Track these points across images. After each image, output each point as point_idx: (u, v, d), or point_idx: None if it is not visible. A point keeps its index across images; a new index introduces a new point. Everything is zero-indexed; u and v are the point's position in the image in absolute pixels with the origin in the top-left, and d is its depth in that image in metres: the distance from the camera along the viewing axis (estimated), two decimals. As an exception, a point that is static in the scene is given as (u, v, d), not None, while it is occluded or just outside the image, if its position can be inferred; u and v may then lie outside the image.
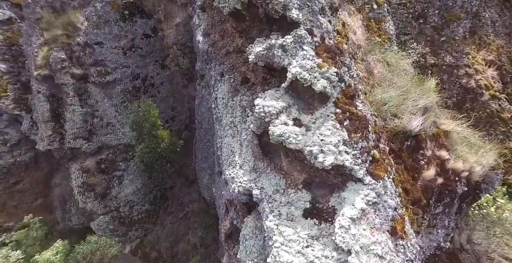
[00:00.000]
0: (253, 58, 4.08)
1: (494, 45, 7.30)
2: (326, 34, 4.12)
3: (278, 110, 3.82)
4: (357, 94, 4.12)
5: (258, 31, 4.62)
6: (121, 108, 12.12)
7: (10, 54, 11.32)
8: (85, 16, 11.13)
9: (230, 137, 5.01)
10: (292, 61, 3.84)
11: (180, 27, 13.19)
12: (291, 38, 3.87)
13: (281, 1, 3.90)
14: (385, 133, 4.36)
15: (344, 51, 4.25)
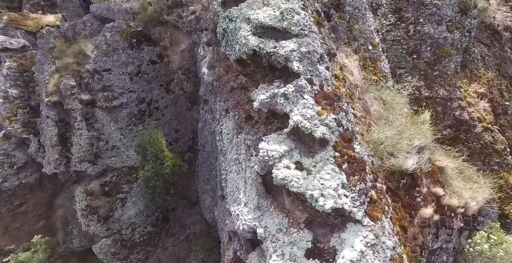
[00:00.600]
0: (257, 105, 4.40)
1: (485, 78, 7.68)
2: (324, 82, 4.46)
3: (281, 154, 4.09)
4: (354, 137, 4.41)
5: (261, 76, 4.98)
6: (126, 131, 12.44)
7: (22, 80, 11.78)
8: (95, 44, 11.67)
9: (235, 173, 5.26)
10: (293, 109, 4.16)
11: (185, 53, 13.74)
12: (293, 88, 4.21)
13: (283, 54, 4.27)
14: (382, 172, 4.61)
15: (342, 96, 4.58)
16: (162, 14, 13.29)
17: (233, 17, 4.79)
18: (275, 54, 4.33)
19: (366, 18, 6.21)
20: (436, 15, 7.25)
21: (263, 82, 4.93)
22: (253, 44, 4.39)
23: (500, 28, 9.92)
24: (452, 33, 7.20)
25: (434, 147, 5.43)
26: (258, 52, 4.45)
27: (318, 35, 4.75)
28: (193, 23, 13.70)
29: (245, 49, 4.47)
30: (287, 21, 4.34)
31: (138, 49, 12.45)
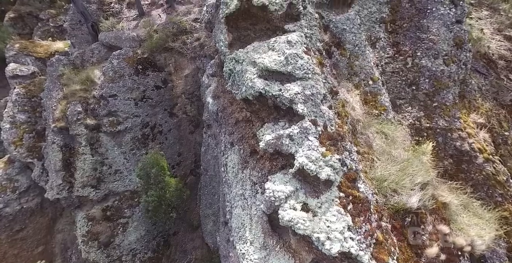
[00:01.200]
0: (263, 146, 4.53)
1: (483, 109, 7.86)
2: (328, 122, 4.61)
3: (287, 194, 4.17)
4: (358, 176, 4.50)
5: (267, 113, 5.14)
6: (129, 155, 12.54)
7: (29, 105, 12.03)
8: (102, 71, 12.03)
9: (240, 209, 5.30)
10: (298, 150, 4.28)
11: (189, 78, 14.10)
12: (297, 129, 4.35)
13: (288, 97, 4.45)
14: (387, 210, 4.66)
15: (345, 135, 4.72)
16: (167, 41, 13.78)
17: (239, 59, 5.03)
18: (280, 97, 4.52)
19: (366, 55, 6.48)
20: (433, 49, 7.53)
21: (268, 120, 5.09)
22: (259, 87, 4.58)
23: (495, 57, 10.25)
24: (449, 66, 7.46)
25: (437, 182, 5.49)
26: (264, 94, 4.63)
27: (320, 76, 4.96)
28: (197, 49, 14.16)
29: (251, 91, 4.66)
30: (292, 66, 4.56)
31: (144, 75, 12.79)
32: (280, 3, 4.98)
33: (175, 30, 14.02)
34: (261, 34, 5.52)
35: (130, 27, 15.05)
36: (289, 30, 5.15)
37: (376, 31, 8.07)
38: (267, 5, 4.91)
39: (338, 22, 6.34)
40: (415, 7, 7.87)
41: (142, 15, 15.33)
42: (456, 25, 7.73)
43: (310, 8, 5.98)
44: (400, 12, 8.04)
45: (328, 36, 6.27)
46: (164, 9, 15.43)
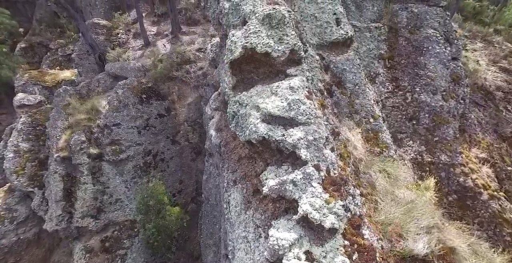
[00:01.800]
0: (267, 191, 4.54)
1: (484, 143, 7.90)
2: (330, 166, 4.64)
3: (291, 242, 4.11)
4: (362, 222, 4.46)
5: (270, 155, 5.19)
6: (131, 184, 12.48)
7: (34, 133, 12.17)
8: (107, 100, 12.28)
9: (243, 252, 5.20)
10: (302, 196, 4.28)
11: (192, 106, 14.34)
12: (301, 175, 4.38)
13: (291, 142, 4.53)
14: (393, 257, 4.56)
15: (348, 179, 4.73)
16: (171, 70, 14.18)
17: (243, 103, 5.16)
18: (284, 142, 4.59)
19: (366, 93, 6.64)
20: (431, 85, 7.72)
21: (271, 161, 5.13)
22: (263, 132, 4.67)
23: (492, 88, 10.46)
24: (447, 102, 7.59)
25: (443, 223, 5.41)
26: (267, 139, 4.71)
27: (322, 119, 5.07)
28: (200, 78, 14.53)
29: (255, 136, 4.74)
30: (294, 111, 4.68)
31: (148, 104, 13.04)
32: (282, 50, 5.20)
33: (179, 59, 14.48)
34: (264, 76, 5.70)
35: (136, 57, 15.55)
36: (291, 74, 5.32)
37: (375, 66, 8.32)
38: (270, 52, 5.12)
39: (338, 63, 6.57)
40: (411, 45, 8.17)
41: (148, 45, 15.90)
42: (452, 62, 7.97)
43: (311, 50, 6.22)
44: (397, 49, 8.34)
45: (328, 76, 6.46)
46: (169, 39, 16.03)
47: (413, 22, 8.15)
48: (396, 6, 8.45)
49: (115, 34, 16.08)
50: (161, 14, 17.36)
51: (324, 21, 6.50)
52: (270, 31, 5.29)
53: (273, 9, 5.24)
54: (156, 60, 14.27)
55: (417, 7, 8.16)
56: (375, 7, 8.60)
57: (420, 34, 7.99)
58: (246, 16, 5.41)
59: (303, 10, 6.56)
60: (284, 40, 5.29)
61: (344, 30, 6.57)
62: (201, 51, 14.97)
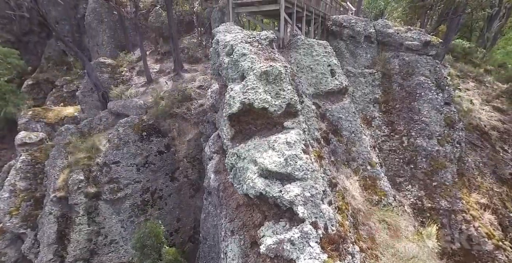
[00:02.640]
0: (264, 250, 4.45)
1: (484, 188, 7.85)
2: (328, 222, 4.59)
3: (290, 309, 3.94)
4: (364, 284, 4.31)
5: (267, 208, 5.16)
6: (127, 223, 12.18)
7: (32, 172, 12.13)
8: (108, 138, 12.41)
9: (240, 313, 4.96)
10: (300, 256, 4.19)
11: (191, 142, 14.44)
12: (298, 233, 4.32)
13: (288, 199, 4.53)
14: None
15: (346, 236, 4.66)
16: (172, 107, 14.49)
17: (241, 156, 5.24)
18: (281, 198, 4.59)
19: (363, 140, 6.75)
20: (426, 130, 7.86)
21: (269, 215, 5.08)
22: (260, 188, 4.69)
23: (487, 128, 10.63)
24: (443, 147, 7.69)
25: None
26: (265, 195, 4.72)
27: (319, 172, 5.11)
28: (200, 114, 14.80)
29: (252, 191, 4.75)
30: (291, 167, 4.74)
31: (148, 141, 13.14)
32: (279, 105, 5.40)
33: (180, 97, 14.86)
34: (262, 127, 5.85)
35: (138, 94, 16.00)
36: (288, 127, 5.47)
37: (371, 110, 8.55)
38: (267, 108, 5.32)
39: (334, 111, 6.77)
40: (405, 91, 8.47)
41: (150, 82, 16.43)
42: (445, 107, 8.20)
43: (307, 100, 6.44)
44: (392, 94, 8.63)
45: (325, 124, 6.62)
46: (171, 76, 16.60)
47: (405, 69, 8.52)
48: (388, 54, 8.89)
49: (119, 72, 16.70)
50: (164, 53, 18.16)
51: (319, 72, 6.82)
52: (268, 87, 5.53)
53: (270, 66, 5.53)
54: (157, 98, 14.66)
55: (408, 56, 8.58)
56: (368, 54, 9.06)
57: (413, 80, 8.32)
58: (245, 71, 5.69)
59: (299, 62, 6.91)
60: (281, 95, 5.51)
61: (338, 81, 6.86)
62: (202, 88, 15.43)
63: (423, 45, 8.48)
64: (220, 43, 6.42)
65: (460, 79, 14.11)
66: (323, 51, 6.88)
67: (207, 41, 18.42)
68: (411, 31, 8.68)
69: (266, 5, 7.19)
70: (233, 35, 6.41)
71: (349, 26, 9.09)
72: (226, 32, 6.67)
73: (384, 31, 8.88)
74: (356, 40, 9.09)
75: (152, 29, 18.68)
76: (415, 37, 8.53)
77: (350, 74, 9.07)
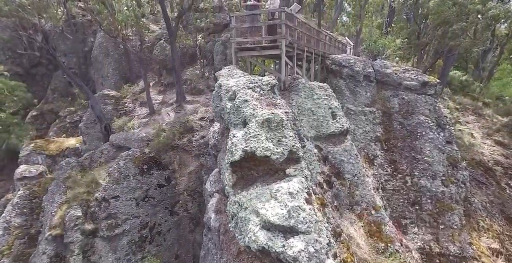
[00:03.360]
0: None
1: (494, 231, 7.61)
2: (335, 281, 4.38)
3: None
4: None
5: (270, 261, 4.95)
6: (124, 261, 11.70)
7: (29, 207, 11.90)
8: (108, 172, 12.31)
9: None
10: None
11: (192, 175, 14.30)
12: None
13: (291, 255, 4.36)
14: None
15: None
16: (174, 139, 14.53)
17: (243, 205, 5.14)
18: (284, 253, 4.42)
19: (366, 184, 6.65)
20: (429, 170, 7.78)
21: (272, 268, 4.87)
22: (262, 242, 4.54)
23: (491, 163, 10.53)
24: (448, 187, 7.56)
25: None
26: (267, 249, 4.56)
27: (323, 223, 4.98)
28: (201, 146, 14.80)
29: (254, 245, 4.59)
30: (294, 219, 4.62)
31: (148, 174, 13.02)
32: (281, 152, 5.40)
33: (182, 128, 14.96)
34: (264, 173, 5.80)
35: (141, 125, 16.15)
36: (290, 174, 5.42)
37: (372, 148, 8.52)
38: (269, 156, 5.31)
39: (336, 153, 6.75)
40: (406, 129, 8.51)
41: (153, 113, 16.65)
42: (447, 146, 8.18)
43: (309, 144, 6.45)
44: (392, 132, 8.66)
45: (327, 167, 6.57)
46: (174, 108, 16.84)
47: (405, 108, 8.62)
48: (388, 93, 9.06)
49: (123, 103, 16.99)
50: (167, 84, 18.59)
51: (320, 115, 6.89)
52: (270, 134, 5.56)
53: (271, 113, 5.61)
54: (159, 129, 14.76)
55: (407, 95, 8.73)
56: (368, 93, 9.23)
57: (413, 119, 8.38)
58: (247, 118, 5.76)
59: (301, 105, 7.02)
60: (283, 142, 5.53)
61: (340, 123, 6.91)
62: (204, 119, 15.58)
63: (421, 85, 8.66)
64: (223, 87, 6.57)
65: (460, 112, 14.24)
66: (324, 94, 7.02)
67: (209, 73, 18.92)
68: (409, 72, 8.91)
69: (267, 50, 7.46)
70: (235, 80, 6.57)
71: (348, 66, 9.36)
72: (229, 77, 6.86)
73: (383, 71, 9.12)
74: (355, 79, 9.31)
75: (156, 61, 19.28)
76: (413, 77, 8.74)
77: (350, 111, 9.18)
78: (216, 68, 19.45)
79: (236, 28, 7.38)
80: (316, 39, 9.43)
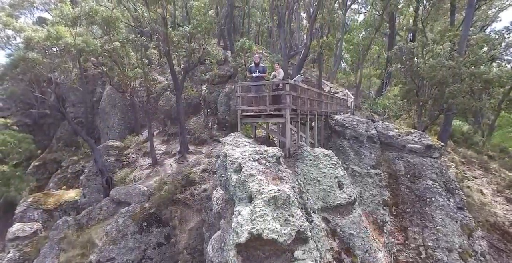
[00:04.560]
0: None
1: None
2: None
3: None
4: None
5: None
6: None
7: (18, 270, 11.16)
8: (106, 231, 11.79)
9: None
10: None
11: (193, 231, 13.65)
12: None
13: None
14: None
15: None
16: (175, 193, 14.19)
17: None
18: None
19: (378, 261, 6.25)
20: (443, 241, 7.38)
21: None
22: None
23: (506, 225, 10.04)
24: (466, 261, 7.08)
25: None
26: None
27: None
28: (203, 200, 14.39)
29: None
30: None
31: (147, 233, 12.46)
32: (288, 233, 5.17)
33: (184, 181, 14.71)
34: (270, 254, 5.48)
35: (143, 177, 15.93)
36: (299, 258, 5.12)
37: (381, 214, 8.21)
38: (277, 238, 5.08)
39: (345, 226, 6.46)
40: (414, 194, 8.29)
41: (155, 164, 16.54)
42: (459, 213, 7.87)
43: (316, 218, 6.21)
44: (400, 196, 8.42)
45: (336, 242, 6.25)
46: (176, 158, 16.79)
47: (411, 172, 8.50)
48: (392, 155, 9.03)
49: (126, 154, 17.02)
50: (171, 134, 18.82)
51: (327, 185, 6.77)
52: (276, 212, 5.39)
53: (278, 191, 5.50)
54: (161, 182, 14.54)
55: (412, 158, 8.69)
56: (373, 154, 9.21)
57: (421, 184, 8.22)
58: (253, 194, 5.64)
59: (306, 174, 6.94)
60: (290, 221, 5.33)
61: (347, 194, 6.75)
62: (206, 171, 15.42)
63: (426, 148, 8.67)
64: (228, 158, 6.56)
65: (465, 166, 14.07)
66: (329, 163, 6.98)
67: (212, 123, 19.28)
68: (412, 134, 9.00)
69: (272, 118, 7.65)
70: (241, 150, 6.60)
71: (351, 127, 9.49)
72: (234, 146, 6.90)
73: (386, 133, 9.22)
74: (359, 140, 9.37)
75: (162, 111, 19.78)
76: (416, 140, 8.79)
77: (356, 173, 9.06)
78: (220, 118, 19.93)
79: (241, 96, 7.65)
80: (318, 101, 9.73)
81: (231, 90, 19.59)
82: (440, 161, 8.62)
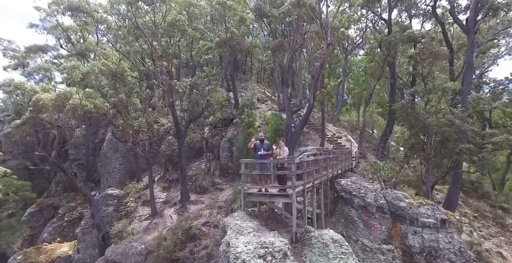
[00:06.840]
0: None
1: None
2: None
3: None
4: None
5: None
6: None
7: None
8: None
9: None
10: None
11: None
12: None
13: None
14: None
15: None
16: (175, 250, 13.42)
17: None
18: None
19: None
20: None
21: None
22: None
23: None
24: None
25: None
26: None
27: None
28: (204, 259, 13.59)
29: None
30: None
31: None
32: None
33: (184, 237, 14.00)
34: None
35: (141, 229, 15.23)
36: None
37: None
38: None
39: None
40: (431, 277, 7.65)
41: (155, 215, 15.89)
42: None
43: None
44: (416, 278, 7.77)
45: None
46: (177, 209, 16.15)
47: (427, 250, 7.95)
48: (404, 227, 8.52)
49: (125, 203, 16.51)
50: (172, 180, 18.39)
51: (337, 280, 6.22)
52: None
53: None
54: (160, 238, 13.87)
55: (426, 233, 8.17)
56: (383, 226, 8.69)
57: (438, 266, 7.61)
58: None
59: (314, 264, 6.42)
60: None
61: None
62: (207, 225, 14.77)
63: (441, 223, 8.18)
64: (231, 250, 6.10)
65: (479, 222, 13.40)
66: (340, 252, 6.49)
67: (214, 169, 18.88)
68: (424, 206, 8.55)
69: (277, 197, 7.31)
70: (245, 240, 6.16)
71: (359, 196, 9.09)
72: (238, 233, 6.47)
73: (396, 204, 8.78)
74: (368, 210, 8.93)
75: (163, 156, 19.48)
76: (429, 214, 8.32)
77: (366, 248, 8.50)
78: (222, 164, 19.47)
79: (245, 174, 7.36)
80: (324, 167, 9.41)
81: (234, 136, 19.42)
82: (457, 237, 8.08)
